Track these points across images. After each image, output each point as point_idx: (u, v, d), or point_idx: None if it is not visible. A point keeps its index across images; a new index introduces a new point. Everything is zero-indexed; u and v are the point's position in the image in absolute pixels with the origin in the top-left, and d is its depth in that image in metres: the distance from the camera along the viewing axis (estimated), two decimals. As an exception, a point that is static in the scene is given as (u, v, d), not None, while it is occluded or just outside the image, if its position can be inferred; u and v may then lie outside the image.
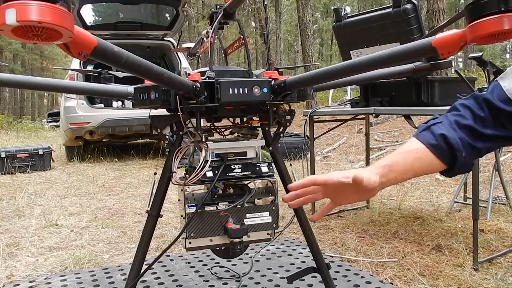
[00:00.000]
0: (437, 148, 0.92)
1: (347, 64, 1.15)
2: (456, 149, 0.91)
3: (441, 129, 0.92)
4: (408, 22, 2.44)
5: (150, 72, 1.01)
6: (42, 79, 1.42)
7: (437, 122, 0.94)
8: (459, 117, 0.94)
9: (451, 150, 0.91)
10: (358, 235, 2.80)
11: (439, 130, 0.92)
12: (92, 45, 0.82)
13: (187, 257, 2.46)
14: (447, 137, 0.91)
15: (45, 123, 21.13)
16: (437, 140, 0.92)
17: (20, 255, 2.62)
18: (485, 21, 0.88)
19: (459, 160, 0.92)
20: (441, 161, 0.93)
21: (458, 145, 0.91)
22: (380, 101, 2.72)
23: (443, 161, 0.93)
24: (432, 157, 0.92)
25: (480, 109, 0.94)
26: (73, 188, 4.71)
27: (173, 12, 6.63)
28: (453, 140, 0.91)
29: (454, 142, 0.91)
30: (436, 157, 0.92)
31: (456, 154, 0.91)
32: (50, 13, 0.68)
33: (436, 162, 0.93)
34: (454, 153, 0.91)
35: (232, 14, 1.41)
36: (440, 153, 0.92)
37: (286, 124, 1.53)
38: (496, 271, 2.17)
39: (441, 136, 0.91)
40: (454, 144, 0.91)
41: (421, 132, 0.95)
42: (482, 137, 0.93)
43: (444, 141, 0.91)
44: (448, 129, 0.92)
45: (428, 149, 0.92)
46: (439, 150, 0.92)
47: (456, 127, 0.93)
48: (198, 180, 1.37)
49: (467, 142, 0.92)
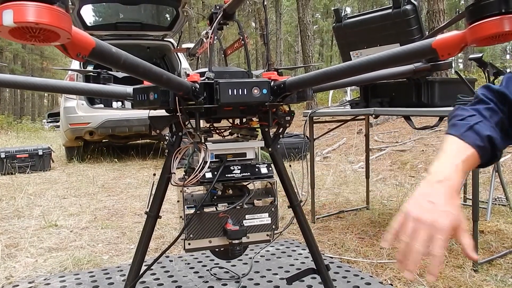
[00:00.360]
0: (483, 149, 0.91)
1: (347, 65, 1.15)
2: (498, 150, 0.92)
3: (486, 130, 0.91)
4: (408, 23, 2.44)
5: (148, 73, 1.00)
6: (41, 79, 1.42)
7: (478, 121, 0.92)
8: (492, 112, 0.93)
9: (494, 151, 0.92)
10: (357, 236, 2.79)
11: (485, 131, 0.91)
12: (90, 46, 0.81)
13: (186, 258, 2.45)
14: (493, 138, 0.91)
15: (45, 123, 21.14)
16: (484, 142, 0.90)
17: (20, 255, 2.62)
18: (485, 23, 0.88)
19: (497, 158, 0.93)
20: (481, 159, 0.91)
21: (500, 145, 0.92)
22: (380, 102, 2.71)
23: (482, 160, 0.91)
24: (476, 159, 0.91)
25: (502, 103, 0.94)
26: (72, 189, 4.70)
27: (173, 13, 6.63)
28: (498, 141, 0.91)
29: (498, 143, 0.91)
30: (479, 157, 0.91)
31: (497, 154, 0.92)
32: (48, 14, 0.68)
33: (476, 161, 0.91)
34: (495, 153, 0.92)
35: (232, 14, 1.41)
36: (484, 153, 0.91)
37: (285, 125, 1.52)
38: (496, 272, 2.16)
39: (487, 138, 0.90)
40: (499, 145, 0.91)
41: (465, 132, 0.91)
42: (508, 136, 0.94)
43: (490, 143, 0.91)
44: (491, 130, 0.92)
45: (475, 151, 0.90)
46: (484, 151, 0.91)
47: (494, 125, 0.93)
48: (197, 181, 1.36)
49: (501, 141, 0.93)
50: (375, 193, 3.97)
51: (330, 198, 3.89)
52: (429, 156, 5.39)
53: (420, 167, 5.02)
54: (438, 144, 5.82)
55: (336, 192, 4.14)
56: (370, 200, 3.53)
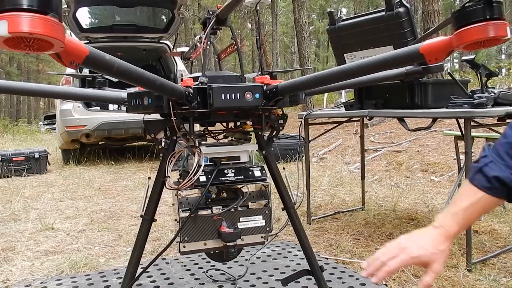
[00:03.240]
0: (493, 190, 0.94)
1: (338, 70, 1.17)
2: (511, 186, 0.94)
3: (494, 170, 0.94)
4: (401, 25, 2.46)
5: (142, 79, 1.02)
6: (36, 85, 1.43)
7: (488, 162, 0.96)
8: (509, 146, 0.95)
9: (507, 188, 0.94)
10: (353, 237, 2.81)
11: (492, 172, 0.94)
12: (83, 54, 0.83)
13: (182, 260, 2.46)
14: (500, 178, 0.93)
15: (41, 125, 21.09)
16: (491, 182, 0.94)
17: (16, 259, 2.62)
18: (470, 29, 0.90)
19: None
20: (500, 198, 0.96)
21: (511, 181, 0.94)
22: (374, 104, 2.73)
23: (502, 197, 0.96)
24: (491, 198, 0.95)
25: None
26: (69, 192, 4.71)
27: (169, 15, 6.64)
28: (508, 179, 0.93)
29: (509, 180, 0.93)
30: (494, 197, 0.95)
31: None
32: (41, 24, 0.69)
33: (495, 200, 0.96)
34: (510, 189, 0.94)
35: (224, 20, 1.42)
36: (496, 193, 0.95)
37: (279, 128, 1.54)
38: (490, 272, 2.19)
39: (494, 179, 0.94)
40: (509, 182, 0.93)
41: (474, 176, 0.97)
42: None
43: (498, 182, 0.94)
44: (500, 169, 0.94)
45: (484, 193, 0.95)
46: (496, 191, 0.94)
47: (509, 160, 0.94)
48: (192, 185, 1.38)
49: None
50: (371, 193, 4.00)
51: (326, 199, 3.91)
52: (424, 156, 5.42)
53: (416, 168, 5.05)
54: (434, 145, 5.85)
55: (332, 193, 4.16)
56: (366, 201, 3.55)
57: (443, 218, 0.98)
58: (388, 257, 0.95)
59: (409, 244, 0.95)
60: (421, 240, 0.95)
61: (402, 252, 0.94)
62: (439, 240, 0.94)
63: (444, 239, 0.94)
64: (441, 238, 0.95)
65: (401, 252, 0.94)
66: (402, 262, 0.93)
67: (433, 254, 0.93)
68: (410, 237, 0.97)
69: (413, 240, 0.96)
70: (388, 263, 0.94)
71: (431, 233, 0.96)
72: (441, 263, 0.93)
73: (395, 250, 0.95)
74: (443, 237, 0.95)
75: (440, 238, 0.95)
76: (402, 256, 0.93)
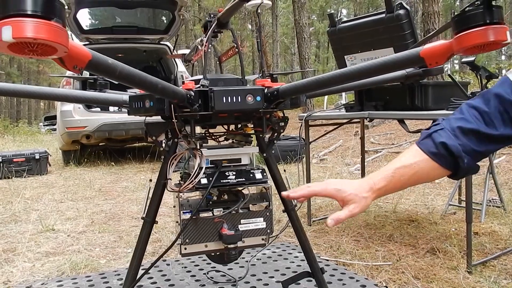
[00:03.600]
0: (438, 156, 0.94)
1: (338, 73, 1.18)
2: (457, 156, 0.93)
3: (442, 137, 0.94)
4: (401, 27, 2.46)
5: (144, 83, 1.03)
6: (36, 87, 1.44)
7: (438, 129, 0.96)
8: (463, 121, 0.95)
9: (452, 157, 0.93)
10: (353, 239, 2.82)
11: (440, 138, 0.94)
12: (86, 59, 0.83)
13: (183, 262, 2.47)
14: (447, 144, 0.93)
15: (41, 126, 21.11)
16: (437, 148, 0.94)
17: (17, 260, 2.63)
18: (470, 33, 0.91)
19: (461, 167, 0.94)
20: (444, 167, 0.95)
21: (459, 152, 0.93)
22: (375, 106, 2.74)
23: (447, 168, 0.95)
24: (434, 164, 0.95)
25: (486, 104, 0.94)
26: (69, 193, 4.71)
27: (169, 16, 6.65)
28: (454, 148, 0.93)
29: (455, 149, 0.93)
30: (438, 164, 0.95)
31: (458, 160, 0.94)
32: (45, 29, 0.70)
33: (439, 169, 0.95)
34: (456, 159, 0.93)
35: (226, 23, 1.43)
36: (441, 160, 0.94)
37: (280, 130, 1.55)
38: (490, 274, 2.19)
39: (441, 144, 0.93)
40: (455, 151, 0.93)
41: (422, 140, 0.97)
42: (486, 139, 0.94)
43: (444, 149, 0.93)
44: (448, 136, 0.94)
45: (429, 158, 0.94)
46: (440, 158, 0.94)
47: (459, 133, 0.94)
48: (193, 187, 1.39)
49: (470, 148, 0.94)
50: (371, 195, 4.00)
51: (327, 201, 3.91)
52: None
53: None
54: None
55: (332, 194, 4.16)
56: (366, 202, 3.55)
57: (375, 172, 0.98)
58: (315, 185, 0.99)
59: (336, 181, 0.97)
60: (348, 181, 0.97)
61: (328, 184, 0.97)
62: (364, 187, 0.94)
63: (369, 189, 0.94)
64: (367, 187, 0.94)
65: (327, 184, 0.97)
66: (325, 189, 0.96)
67: (355, 195, 0.93)
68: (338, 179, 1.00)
69: (340, 180, 0.98)
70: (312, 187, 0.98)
71: (359, 181, 0.97)
72: (360, 207, 0.93)
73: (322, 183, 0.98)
74: (368, 186, 0.94)
75: (366, 187, 0.94)
76: (327, 186, 0.96)
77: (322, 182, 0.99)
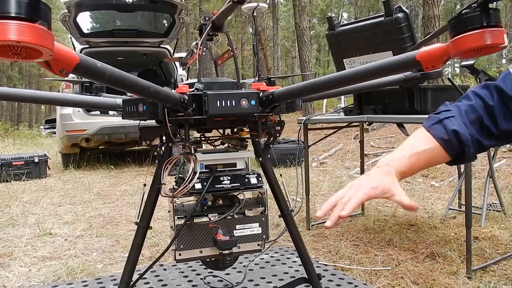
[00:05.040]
0: (448, 143, 0.93)
1: (334, 76, 1.16)
2: (465, 145, 0.93)
3: (454, 124, 0.94)
4: (400, 31, 2.45)
5: (135, 87, 1.01)
6: (31, 91, 1.42)
7: (450, 116, 0.95)
8: (470, 108, 0.95)
9: (461, 146, 0.93)
10: (352, 243, 2.79)
11: (452, 125, 0.93)
12: (74, 62, 0.82)
13: (180, 267, 2.45)
14: (459, 133, 0.93)
15: (42, 129, 21.12)
16: (449, 135, 0.93)
17: (13, 265, 2.61)
18: (467, 36, 0.89)
19: (466, 155, 0.95)
20: (449, 154, 0.95)
21: (468, 141, 0.93)
22: (374, 109, 2.72)
23: (450, 155, 0.95)
24: (441, 151, 0.94)
25: (491, 97, 0.95)
26: (68, 196, 4.69)
27: (169, 19, 6.66)
28: (464, 137, 0.93)
29: (465, 138, 0.93)
30: (445, 151, 0.94)
31: (465, 150, 0.94)
32: (29, 32, 0.68)
33: (444, 155, 0.95)
34: (463, 148, 0.94)
35: (220, 26, 1.42)
36: (450, 148, 0.94)
37: (275, 134, 1.53)
38: (490, 279, 2.17)
39: (453, 132, 0.93)
40: (465, 140, 0.93)
41: (433, 125, 0.96)
42: (489, 135, 0.95)
43: (455, 137, 0.93)
44: (460, 125, 0.93)
45: (438, 143, 0.94)
46: (450, 145, 0.94)
47: (468, 121, 0.94)
48: (187, 192, 1.37)
49: (476, 138, 0.94)
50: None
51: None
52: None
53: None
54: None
55: (332, 198, 4.13)
56: (365, 207, 3.53)
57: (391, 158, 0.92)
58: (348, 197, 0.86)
59: (362, 181, 0.88)
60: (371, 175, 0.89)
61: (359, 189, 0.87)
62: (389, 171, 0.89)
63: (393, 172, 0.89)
64: (391, 170, 0.89)
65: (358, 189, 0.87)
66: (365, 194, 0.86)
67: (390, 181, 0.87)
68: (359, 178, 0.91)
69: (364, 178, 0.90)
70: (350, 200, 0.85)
71: (379, 169, 0.90)
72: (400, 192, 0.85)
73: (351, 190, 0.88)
74: (392, 169, 0.89)
75: (390, 170, 0.89)
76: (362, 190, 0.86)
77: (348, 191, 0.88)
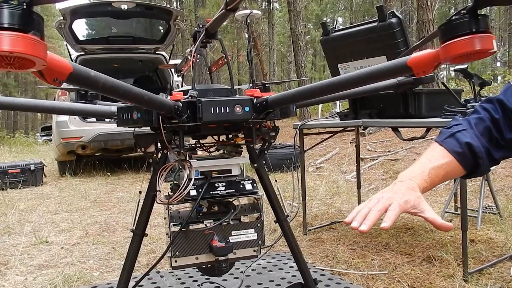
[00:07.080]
0: (462, 156, 0.94)
1: (328, 82, 1.17)
2: (479, 157, 0.94)
3: (466, 137, 0.95)
4: (393, 36, 2.47)
5: (129, 95, 1.01)
6: (25, 100, 1.42)
7: (462, 129, 0.97)
8: (479, 120, 0.97)
9: (474, 158, 0.94)
10: (349, 247, 2.80)
11: (464, 138, 0.95)
12: (67, 71, 0.82)
13: (177, 274, 2.44)
14: (472, 145, 0.94)
15: (38, 137, 21.05)
16: (462, 148, 0.94)
17: (9, 274, 2.59)
18: (457, 42, 0.90)
19: (481, 167, 0.95)
20: (463, 167, 0.96)
21: (481, 153, 0.94)
22: (369, 114, 2.74)
23: (465, 167, 0.96)
24: (456, 164, 0.95)
25: (496, 111, 0.97)
26: (64, 204, 4.68)
27: (165, 26, 6.67)
28: (478, 149, 0.94)
29: (479, 150, 0.94)
30: (460, 164, 0.95)
31: (479, 162, 0.95)
32: (22, 43, 0.69)
33: (459, 168, 0.96)
34: (477, 160, 0.95)
35: (214, 33, 1.42)
36: (464, 160, 0.95)
37: (270, 140, 1.53)
38: (486, 281, 2.17)
39: (466, 145, 0.94)
40: (478, 152, 0.94)
41: (445, 139, 0.97)
42: (498, 146, 0.97)
43: (469, 150, 0.94)
44: (472, 137, 0.95)
45: (453, 157, 0.95)
46: (464, 157, 0.95)
47: (478, 133, 0.96)
48: (182, 199, 1.37)
49: (487, 149, 0.95)
50: (367, 203, 3.98)
51: (323, 209, 3.89)
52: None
53: (412, 176, 5.03)
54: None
55: (329, 202, 4.14)
56: (362, 211, 3.53)
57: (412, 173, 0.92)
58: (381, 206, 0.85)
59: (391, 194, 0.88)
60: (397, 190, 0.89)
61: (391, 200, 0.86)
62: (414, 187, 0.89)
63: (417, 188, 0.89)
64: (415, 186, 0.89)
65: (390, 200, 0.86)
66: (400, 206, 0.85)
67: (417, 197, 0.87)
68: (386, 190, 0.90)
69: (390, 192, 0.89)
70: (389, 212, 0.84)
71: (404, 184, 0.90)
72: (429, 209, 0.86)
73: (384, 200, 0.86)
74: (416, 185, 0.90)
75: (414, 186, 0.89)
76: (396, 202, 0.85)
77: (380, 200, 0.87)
